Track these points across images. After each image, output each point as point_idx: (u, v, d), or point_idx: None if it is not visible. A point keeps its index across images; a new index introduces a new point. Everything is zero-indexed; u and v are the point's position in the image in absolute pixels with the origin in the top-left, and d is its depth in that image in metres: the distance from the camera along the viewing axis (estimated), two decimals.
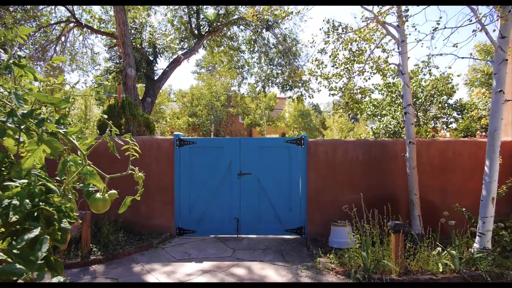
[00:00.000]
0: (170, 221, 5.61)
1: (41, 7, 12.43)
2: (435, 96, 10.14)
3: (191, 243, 5.27)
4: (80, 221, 4.25)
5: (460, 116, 11.56)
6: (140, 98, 10.84)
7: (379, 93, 13.07)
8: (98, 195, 1.00)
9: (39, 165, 0.84)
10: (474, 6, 3.71)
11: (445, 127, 10.36)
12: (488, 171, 4.00)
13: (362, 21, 5.45)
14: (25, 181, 0.79)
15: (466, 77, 12.19)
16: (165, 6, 13.93)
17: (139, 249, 4.84)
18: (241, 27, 14.43)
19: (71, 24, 12.91)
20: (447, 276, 3.62)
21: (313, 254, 4.59)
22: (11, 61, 0.90)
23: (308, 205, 5.53)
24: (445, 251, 3.88)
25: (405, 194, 5.28)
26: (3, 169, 0.83)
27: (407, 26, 5.09)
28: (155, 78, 11.55)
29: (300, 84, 12.61)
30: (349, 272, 3.79)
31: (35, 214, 0.81)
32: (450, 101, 12.15)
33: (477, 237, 4.04)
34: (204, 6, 13.69)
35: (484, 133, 10.42)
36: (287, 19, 9.73)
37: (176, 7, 13.65)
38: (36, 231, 0.72)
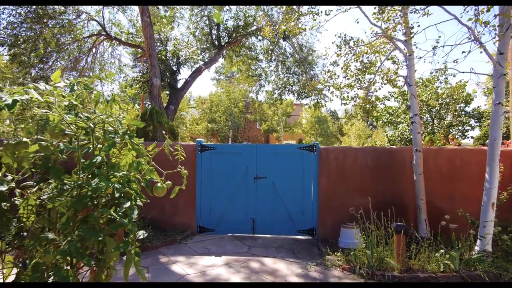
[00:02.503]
0: (191, 220, 6.14)
1: (75, 21, 13.53)
2: (450, 104, 10.25)
3: (211, 240, 5.77)
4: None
5: (478, 124, 11.52)
6: (164, 105, 11.60)
7: (394, 101, 13.25)
8: (159, 184, 1.49)
9: (126, 164, 1.34)
10: (471, 25, 4.02)
11: (460, 135, 10.40)
12: (489, 177, 4.25)
13: (372, 37, 5.83)
14: (125, 172, 1.29)
15: (484, 86, 12.15)
16: (187, 18, 14.80)
17: (165, 244, 5.38)
18: (259, 37, 15.03)
19: (102, 37, 13.98)
20: (446, 275, 3.90)
21: (323, 252, 4.96)
22: (109, 97, 1.41)
23: (319, 208, 5.90)
24: (448, 253, 4.15)
25: (413, 200, 5.55)
26: (104, 167, 1.33)
27: (414, 42, 5.41)
28: (178, 87, 12.30)
29: (313, 94, 13.01)
30: (354, 269, 4.14)
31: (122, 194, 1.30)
32: (468, 109, 12.14)
33: (478, 240, 4.28)
34: (225, 19, 14.43)
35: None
36: (301, 34, 10.18)
37: (199, 19, 14.47)
38: (128, 203, 1.21)
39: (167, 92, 13.61)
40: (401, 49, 5.65)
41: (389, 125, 12.99)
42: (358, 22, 5.84)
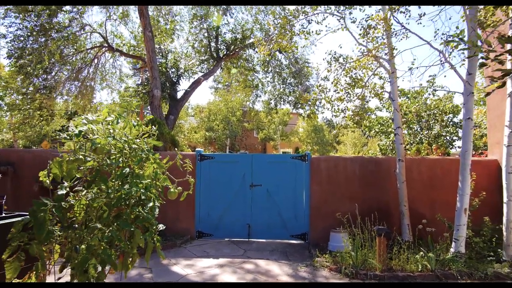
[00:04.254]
0: (191, 225, 6.51)
1: (78, 33, 14.04)
2: (437, 115, 10.77)
3: (209, 244, 6.14)
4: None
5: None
6: (164, 115, 12.03)
7: (386, 111, 13.78)
8: (172, 189, 1.91)
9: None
10: (443, 50, 4.52)
11: (448, 145, 10.90)
12: (461, 185, 4.70)
13: (358, 56, 6.34)
14: (148, 181, 1.70)
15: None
16: (187, 31, 15.38)
17: (165, 247, 5.75)
18: (256, 49, 15.60)
19: (104, 49, 14.48)
20: (423, 274, 4.31)
21: (313, 255, 5.35)
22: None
23: (311, 214, 6.31)
24: (426, 254, 4.56)
25: (397, 206, 5.97)
26: (126, 177, 1.75)
27: (400, 60, 5.91)
28: (178, 97, 12.76)
29: (306, 106, 13.52)
30: (340, 269, 4.53)
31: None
32: (456, 120, 12.68)
33: (453, 243, 4.70)
34: (223, 32, 15.02)
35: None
36: (295, 49, 10.70)
37: (198, 31, 15.05)
38: (151, 204, 1.62)
39: (167, 101, 14.07)
40: (385, 66, 6.16)
41: (381, 134, 13.48)
42: (341, 47, 6.36)
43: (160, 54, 14.04)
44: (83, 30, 13.93)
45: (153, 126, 2.00)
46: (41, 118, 14.94)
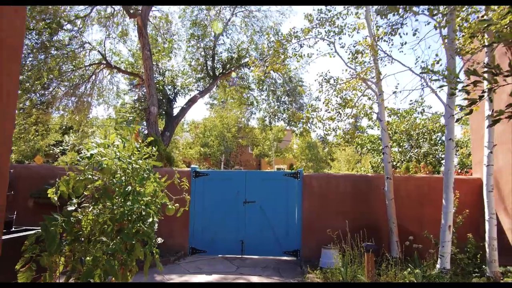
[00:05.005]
0: (185, 242, 6.57)
1: (77, 51, 14.35)
2: (425, 134, 11.13)
3: (202, 260, 6.20)
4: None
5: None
6: (160, 131, 12.22)
7: (377, 129, 14.15)
8: (170, 206, 2.08)
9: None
10: (425, 76, 4.85)
11: (437, 163, 11.19)
12: (445, 203, 4.91)
13: (347, 78, 6.67)
14: (149, 198, 1.87)
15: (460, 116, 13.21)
16: (185, 49, 15.83)
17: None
18: (252, 68, 16.05)
19: (102, 66, 14.78)
20: None
21: (304, 271, 5.45)
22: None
23: (303, 231, 6.43)
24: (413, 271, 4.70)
25: (386, 223, 6.14)
26: (129, 195, 1.92)
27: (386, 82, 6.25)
28: (174, 114, 13.00)
29: (299, 124, 13.85)
30: None
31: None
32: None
33: (438, 259, 4.86)
34: (219, 51, 15.49)
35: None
36: (288, 70, 11.14)
37: (195, 50, 15.50)
38: (150, 219, 1.79)
39: (164, 118, 14.30)
40: (373, 89, 6.49)
41: (372, 152, 13.78)
42: (329, 72, 6.68)
43: (158, 71, 14.39)
44: (82, 48, 14.26)
45: (153, 147, 2.19)
46: (37, 133, 15.00)
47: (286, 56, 6.97)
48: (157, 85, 13.25)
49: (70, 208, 1.72)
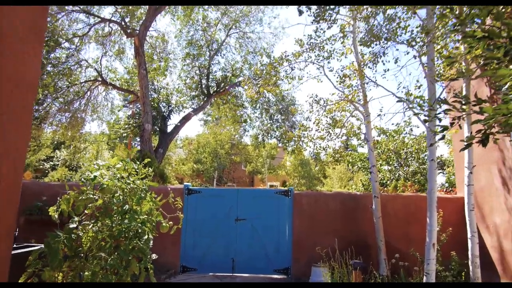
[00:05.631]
0: (176, 260, 6.58)
1: (73, 68, 14.56)
2: (413, 153, 11.47)
3: (193, 279, 6.20)
4: None
5: (441, 172, 12.74)
6: (153, 148, 12.33)
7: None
8: (164, 224, 2.22)
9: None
10: (406, 99, 5.16)
11: (425, 182, 11.49)
12: (429, 221, 5.10)
13: (336, 100, 6.98)
14: (145, 216, 2.01)
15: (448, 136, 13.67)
16: (180, 67, 16.19)
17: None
18: (246, 87, 16.43)
19: (97, 82, 14.97)
20: None
21: None
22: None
23: (293, 249, 6.52)
24: None
25: (375, 240, 6.28)
26: (126, 213, 2.06)
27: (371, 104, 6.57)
28: (168, 131, 13.16)
29: (291, 143, 14.12)
30: None
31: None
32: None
33: (424, 277, 4.99)
34: (214, 70, 15.89)
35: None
36: (280, 91, 11.48)
37: (190, 68, 15.88)
38: (146, 236, 1.92)
39: (157, 135, 14.43)
40: (360, 110, 6.79)
41: (363, 170, 14.04)
42: (317, 96, 7.00)
43: (153, 89, 14.65)
44: (79, 65, 14.49)
45: (149, 168, 2.35)
46: (28, 149, 14.93)
47: (277, 78, 7.29)
48: (152, 103, 13.46)
49: (72, 226, 1.85)
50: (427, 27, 4.05)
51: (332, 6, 6.07)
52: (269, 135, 16.45)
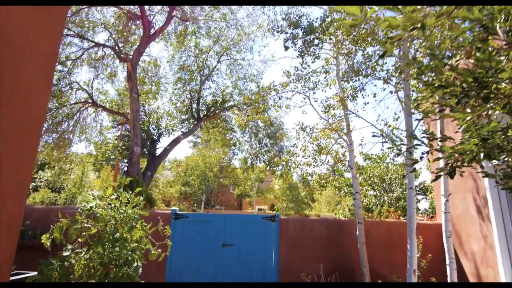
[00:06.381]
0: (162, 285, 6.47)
1: (64, 90, 14.64)
2: (397, 179, 11.83)
3: None
4: None
5: (424, 197, 13.12)
6: (142, 171, 12.29)
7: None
8: (153, 251, 2.33)
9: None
10: (380, 134, 5.50)
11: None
12: (409, 247, 5.28)
13: (321, 128, 7.31)
14: (136, 244, 2.12)
15: (426, 163, 14.17)
16: (171, 91, 16.50)
17: None
18: (235, 110, 16.80)
19: (87, 104, 15.03)
20: None
21: None
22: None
23: (280, 274, 6.53)
24: None
25: (360, 266, 6.38)
26: (117, 241, 2.17)
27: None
28: (157, 154, 13.20)
29: (279, 167, 14.33)
30: None
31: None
32: (415, 183, 13.84)
33: None
34: (204, 95, 16.26)
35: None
36: (268, 117, 11.84)
37: (181, 92, 16.21)
38: (136, 263, 2.03)
39: (146, 157, 14.41)
40: (344, 138, 7.11)
41: (350, 195, 14.28)
42: (303, 124, 7.33)
43: (144, 112, 14.81)
44: (70, 87, 14.59)
45: (140, 196, 2.49)
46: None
47: (265, 106, 7.61)
48: (142, 126, 13.58)
49: (65, 254, 1.94)
50: (401, 67, 4.45)
51: (316, 42, 6.54)
52: (258, 158, 16.66)
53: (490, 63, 2.15)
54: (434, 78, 2.36)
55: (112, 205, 2.13)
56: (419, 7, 1.15)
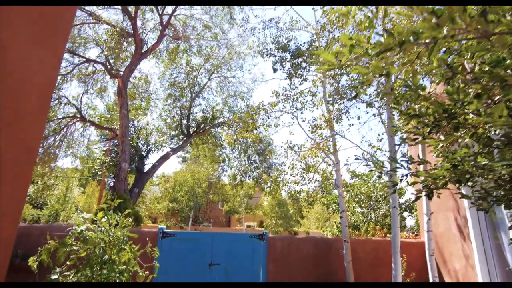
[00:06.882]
0: None
1: (52, 104, 14.50)
2: (383, 197, 12.05)
3: None
4: None
5: (410, 215, 13.35)
6: (129, 187, 12.13)
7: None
8: (140, 273, 2.36)
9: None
10: (362, 158, 5.71)
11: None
12: (394, 266, 5.39)
13: (309, 147, 7.49)
14: (124, 267, 2.15)
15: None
16: (161, 107, 16.55)
17: None
18: (225, 128, 16.95)
19: (75, 119, 14.90)
20: None
21: None
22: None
23: None
24: None
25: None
26: (105, 263, 2.20)
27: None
28: (145, 171, 13.09)
29: (268, 184, 14.40)
30: None
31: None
32: (401, 200, 14.09)
33: None
34: (194, 111, 16.38)
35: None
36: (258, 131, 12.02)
37: (171, 108, 16.29)
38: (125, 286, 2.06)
39: (134, 173, 14.26)
40: (331, 158, 7.30)
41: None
42: (291, 142, 7.51)
43: (133, 128, 14.77)
44: (58, 101, 14.48)
45: (129, 218, 2.53)
46: None
47: (254, 126, 7.77)
48: (131, 141, 13.52)
49: (53, 277, 1.96)
50: (383, 92, 4.71)
51: (304, 65, 6.82)
52: (247, 175, 16.69)
53: (458, 96, 2.36)
54: (409, 108, 2.55)
55: (102, 228, 2.17)
56: (388, 53, 1.31)
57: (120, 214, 2.40)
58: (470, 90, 2.48)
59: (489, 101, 2.11)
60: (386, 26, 4.47)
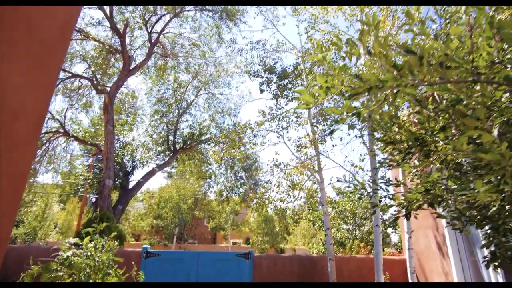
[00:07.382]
0: None
1: None
2: (367, 214, 12.27)
3: None
4: None
5: (393, 231, 13.60)
6: (112, 204, 11.87)
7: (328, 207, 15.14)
8: None
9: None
10: (344, 180, 5.91)
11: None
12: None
13: (294, 165, 7.65)
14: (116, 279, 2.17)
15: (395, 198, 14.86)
16: (148, 123, 16.47)
17: None
18: (211, 144, 16.98)
19: (58, 134, 14.60)
20: None
21: None
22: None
23: None
24: None
25: None
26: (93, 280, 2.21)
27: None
28: (130, 187, 12.88)
29: (254, 201, 14.42)
30: None
31: None
32: (385, 217, 14.35)
33: None
34: (181, 127, 16.38)
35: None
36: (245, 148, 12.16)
37: (158, 124, 16.23)
38: None
39: (118, 190, 13.98)
40: (316, 176, 7.46)
41: (323, 229, 14.48)
42: (277, 160, 7.64)
43: (118, 144, 14.60)
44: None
45: (115, 241, 2.55)
46: None
47: (241, 143, 7.89)
48: (116, 157, 13.34)
49: None
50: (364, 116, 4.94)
51: (289, 86, 7.06)
52: (233, 191, 16.63)
53: (429, 125, 2.56)
54: (385, 135, 2.73)
55: (88, 253, 2.18)
56: (363, 95, 1.47)
57: (104, 236, 2.42)
58: (440, 118, 2.70)
59: (454, 131, 2.31)
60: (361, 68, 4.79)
